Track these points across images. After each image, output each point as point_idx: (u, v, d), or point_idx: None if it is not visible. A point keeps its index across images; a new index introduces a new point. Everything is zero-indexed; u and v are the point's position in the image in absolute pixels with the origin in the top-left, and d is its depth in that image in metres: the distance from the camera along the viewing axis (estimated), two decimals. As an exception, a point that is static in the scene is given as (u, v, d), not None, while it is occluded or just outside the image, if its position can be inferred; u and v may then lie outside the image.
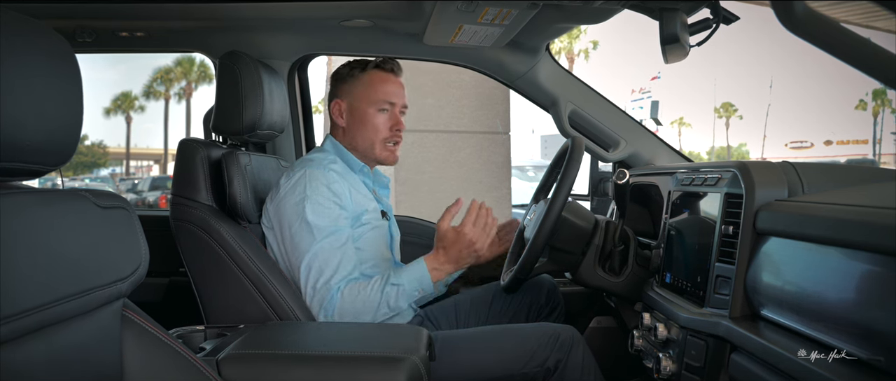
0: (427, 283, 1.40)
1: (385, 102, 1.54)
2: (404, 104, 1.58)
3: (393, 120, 1.55)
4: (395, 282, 1.37)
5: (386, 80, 1.55)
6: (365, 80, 1.55)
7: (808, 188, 1.06)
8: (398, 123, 1.56)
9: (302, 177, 1.42)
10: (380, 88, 1.54)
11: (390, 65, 1.57)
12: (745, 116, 59.74)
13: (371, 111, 1.54)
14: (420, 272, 1.40)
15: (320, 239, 1.37)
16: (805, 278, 0.90)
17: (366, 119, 1.54)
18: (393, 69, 1.57)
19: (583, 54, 35.51)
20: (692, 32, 1.37)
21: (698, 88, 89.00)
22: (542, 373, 1.35)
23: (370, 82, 1.55)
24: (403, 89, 1.59)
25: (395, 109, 1.56)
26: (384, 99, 1.54)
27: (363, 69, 1.56)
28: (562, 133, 1.93)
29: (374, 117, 1.54)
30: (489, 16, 1.49)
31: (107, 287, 0.73)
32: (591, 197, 2.02)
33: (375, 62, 1.57)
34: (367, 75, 1.55)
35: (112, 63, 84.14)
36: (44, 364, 0.65)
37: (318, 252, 1.37)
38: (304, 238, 1.38)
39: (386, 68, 1.56)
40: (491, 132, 3.74)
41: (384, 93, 1.54)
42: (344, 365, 1.07)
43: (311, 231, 1.38)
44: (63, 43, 0.69)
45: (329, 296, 1.35)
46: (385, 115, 1.54)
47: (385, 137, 1.55)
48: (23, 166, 0.65)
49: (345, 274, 1.37)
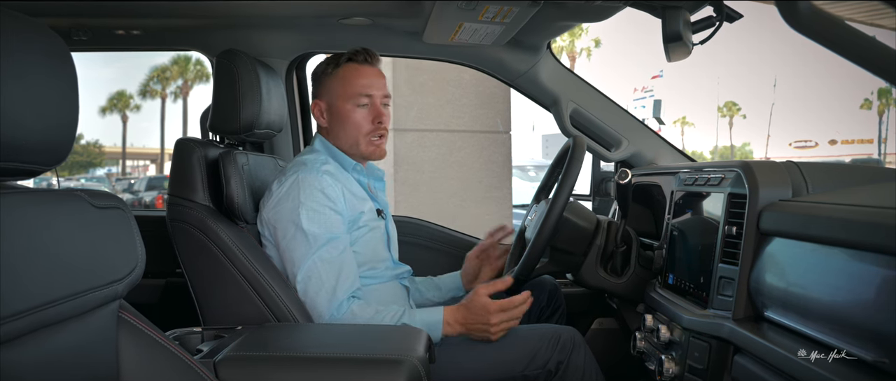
0: (437, 332, 1.35)
1: (362, 96, 1.47)
2: (385, 94, 1.51)
3: (374, 113, 1.48)
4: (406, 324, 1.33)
5: (361, 72, 1.48)
6: (340, 75, 1.49)
7: (812, 188, 1.05)
8: (379, 115, 1.48)
9: (295, 182, 1.38)
10: (355, 81, 1.47)
11: (363, 55, 1.49)
12: (749, 115, 59.76)
13: (349, 107, 1.47)
14: (434, 319, 1.36)
15: (317, 248, 1.34)
16: (810, 279, 0.89)
17: (346, 117, 1.48)
18: (367, 59, 1.50)
19: (584, 53, 35.56)
20: (695, 30, 1.37)
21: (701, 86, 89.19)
22: (542, 375, 1.34)
23: (345, 77, 1.48)
24: (383, 79, 1.52)
25: (375, 101, 1.48)
26: (361, 92, 1.47)
27: (337, 65, 1.50)
28: (563, 132, 1.92)
29: (353, 113, 1.47)
30: (489, 14, 1.48)
31: (103, 289, 0.72)
32: (592, 197, 2.01)
33: (348, 55, 1.50)
34: (341, 70, 1.49)
35: (108, 61, 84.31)
36: (39, 367, 0.64)
37: (316, 262, 1.34)
38: (300, 247, 1.35)
39: (359, 60, 1.49)
40: (491, 132, 3.73)
41: (361, 86, 1.47)
42: (343, 367, 1.06)
43: (307, 239, 1.35)
44: (58, 41, 0.68)
45: (334, 310, 1.33)
46: (364, 109, 1.48)
47: (368, 132, 1.48)
48: (17, 166, 0.64)
49: (347, 286, 1.34)
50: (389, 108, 1.54)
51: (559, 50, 31.91)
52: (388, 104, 1.54)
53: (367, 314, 1.32)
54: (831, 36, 0.78)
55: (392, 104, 1.82)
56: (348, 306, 1.33)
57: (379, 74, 1.51)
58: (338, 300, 1.33)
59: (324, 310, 1.33)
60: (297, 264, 1.35)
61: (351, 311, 1.32)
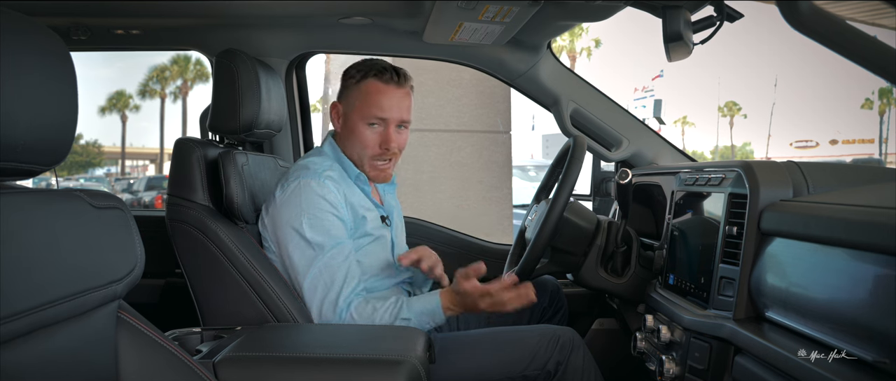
0: (439, 315, 1.35)
1: (374, 117, 1.41)
2: (403, 119, 1.44)
3: (382, 137, 1.42)
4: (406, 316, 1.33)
5: (382, 91, 1.41)
6: (361, 89, 1.42)
7: (813, 188, 1.05)
8: (388, 140, 1.42)
9: (297, 188, 1.37)
10: (373, 100, 1.41)
11: (389, 75, 1.41)
12: (750, 114, 59.77)
13: (360, 125, 1.42)
14: (432, 306, 1.34)
15: (321, 256, 1.33)
16: (811, 279, 0.89)
17: (355, 131, 1.43)
18: (393, 79, 1.42)
19: (585, 52, 35.55)
20: (696, 30, 1.36)
21: (702, 86, 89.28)
22: (542, 375, 1.34)
23: (365, 93, 1.42)
24: (405, 101, 1.44)
25: (389, 125, 1.42)
26: (375, 114, 1.41)
27: (363, 76, 1.43)
28: (563, 132, 1.92)
29: (363, 131, 1.42)
30: (490, 13, 1.48)
31: (102, 289, 0.72)
32: (593, 197, 2.01)
33: (375, 70, 1.42)
34: (363, 84, 1.42)
35: (107, 60, 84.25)
36: (37, 367, 0.64)
37: (321, 270, 1.33)
38: (304, 255, 1.34)
39: (383, 79, 1.41)
40: (492, 131, 3.72)
41: (377, 107, 1.40)
42: (342, 368, 1.06)
43: (311, 247, 1.34)
44: (58, 41, 0.68)
45: (337, 313, 1.32)
46: (374, 130, 1.42)
47: (373, 154, 1.43)
48: (16, 166, 0.64)
49: (350, 291, 1.34)
50: (406, 131, 1.48)
51: (559, 50, 31.91)
52: (406, 127, 1.47)
53: (366, 313, 1.32)
54: (832, 35, 0.78)
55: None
56: (349, 311, 1.32)
57: (403, 96, 1.43)
58: (340, 307, 1.33)
59: (328, 317, 1.33)
60: (303, 273, 1.35)
61: (350, 315, 1.32)
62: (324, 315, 1.33)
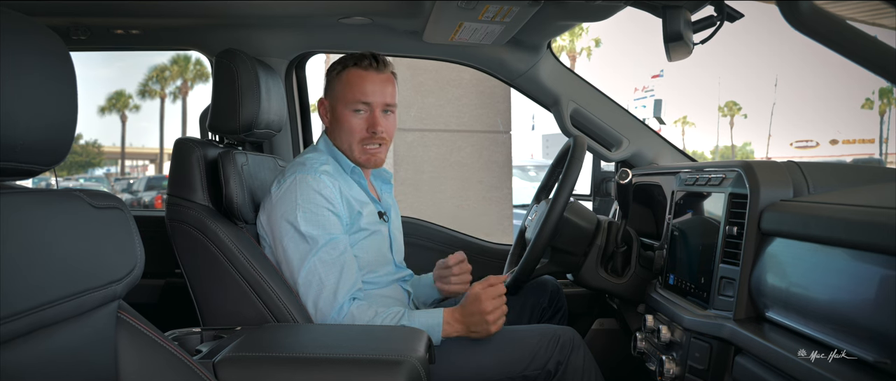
0: (437, 333, 1.34)
1: (359, 103, 1.44)
2: (387, 103, 1.47)
3: (369, 121, 1.45)
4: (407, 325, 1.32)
5: (363, 78, 1.45)
6: (343, 79, 1.47)
7: (813, 188, 1.05)
8: (375, 124, 1.45)
9: (292, 183, 1.38)
10: (356, 87, 1.45)
11: (368, 61, 1.46)
12: (750, 114, 59.78)
13: (346, 112, 1.46)
14: (434, 321, 1.34)
15: (316, 250, 1.34)
16: (811, 279, 0.89)
17: (342, 120, 1.46)
18: (372, 65, 1.46)
19: (585, 52, 35.54)
20: (696, 30, 1.36)
21: (702, 86, 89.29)
22: (542, 375, 1.34)
23: (347, 82, 1.46)
24: (389, 86, 1.48)
25: (374, 109, 1.46)
26: (358, 99, 1.44)
27: (343, 68, 1.48)
28: (564, 132, 1.92)
29: (349, 118, 1.45)
30: (490, 13, 1.48)
31: (101, 289, 0.72)
32: (593, 197, 2.01)
33: (354, 59, 1.47)
34: (345, 74, 1.47)
35: (107, 60, 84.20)
36: (37, 367, 0.64)
37: (316, 264, 1.33)
38: (299, 249, 1.35)
39: (363, 65, 1.46)
40: (492, 131, 3.72)
41: (360, 93, 1.44)
42: (342, 368, 1.06)
43: (305, 241, 1.34)
44: (57, 41, 0.68)
45: (335, 313, 1.32)
46: (360, 116, 1.45)
47: (361, 139, 1.46)
48: (16, 166, 0.64)
49: (348, 288, 1.34)
50: (393, 116, 1.51)
51: (559, 50, 31.91)
52: (392, 112, 1.50)
53: (367, 316, 1.32)
54: (832, 35, 0.78)
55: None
56: (349, 308, 1.32)
57: (384, 81, 1.47)
58: (339, 303, 1.32)
59: (325, 312, 1.32)
60: (297, 267, 1.35)
61: (350, 313, 1.32)
62: (320, 311, 1.33)
